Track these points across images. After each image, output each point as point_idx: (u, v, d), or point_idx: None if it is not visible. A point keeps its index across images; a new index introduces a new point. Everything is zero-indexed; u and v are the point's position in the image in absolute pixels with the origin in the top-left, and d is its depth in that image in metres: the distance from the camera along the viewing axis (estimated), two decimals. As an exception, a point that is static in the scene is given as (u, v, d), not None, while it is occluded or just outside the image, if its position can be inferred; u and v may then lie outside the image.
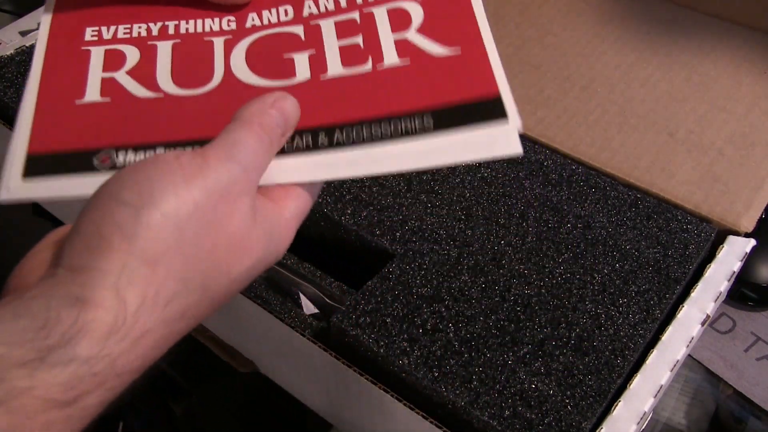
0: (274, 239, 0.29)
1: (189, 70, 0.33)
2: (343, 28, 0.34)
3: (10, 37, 0.63)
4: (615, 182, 0.51)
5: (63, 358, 0.22)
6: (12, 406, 0.21)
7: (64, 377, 0.22)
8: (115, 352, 0.23)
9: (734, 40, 0.64)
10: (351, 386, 0.42)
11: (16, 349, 0.21)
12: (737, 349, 0.54)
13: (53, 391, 0.22)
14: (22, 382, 0.21)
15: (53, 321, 0.22)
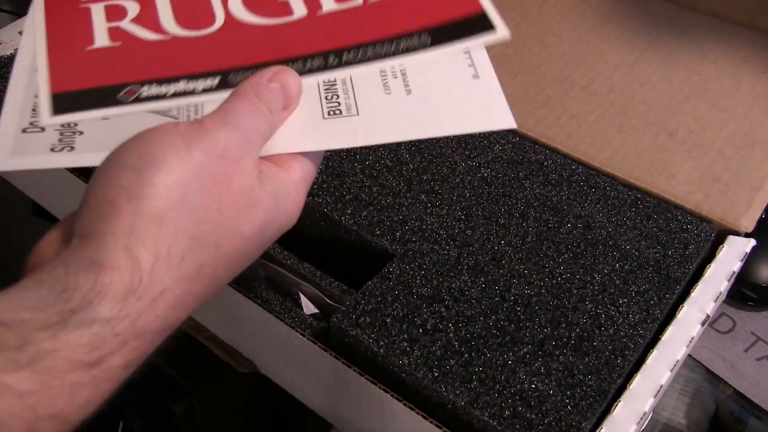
0: (282, 199, 0.29)
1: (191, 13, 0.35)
2: None
3: (10, 37, 0.63)
4: (615, 182, 0.51)
5: (85, 319, 0.23)
6: (39, 367, 0.21)
7: (88, 338, 0.22)
8: (135, 311, 0.24)
9: (734, 40, 0.64)
10: (351, 386, 0.42)
11: (39, 313, 0.22)
12: (737, 349, 0.54)
13: (78, 352, 0.22)
14: (47, 344, 0.22)
15: (72, 285, 0.23)
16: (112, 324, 0.23)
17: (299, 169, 0.31)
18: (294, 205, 0.30)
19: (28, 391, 0.21)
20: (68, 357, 0.22)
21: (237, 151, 0.27)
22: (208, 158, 0.26)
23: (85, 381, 0.22)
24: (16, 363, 0.21)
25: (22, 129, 0.31)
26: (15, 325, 0.22)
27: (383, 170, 0.51)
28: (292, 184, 0.30)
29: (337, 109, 0.32)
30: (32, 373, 0.21)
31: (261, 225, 0.28)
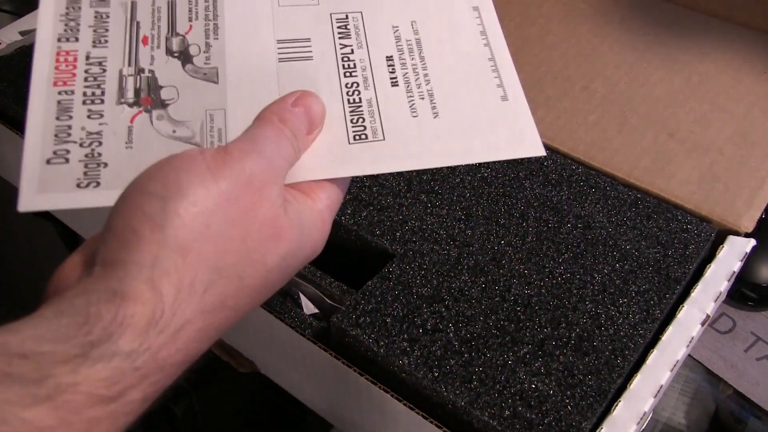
0: (307, 229, 0.29)
1: None
2: None
3: (10, 37, 0.63)
4: (615, 182, 0.51)
5: (106, 353, 0.22)
6: (59, 402, 0.21)
7: (108, 372, 0.22)
8: (155, 344, 0.23)
9: (734, 40, 0.64)
10: (351, 386, 0.42)
11: (60, 345, 0.22)
12: (737, 349, 0.54)
13: (98, 386, 0.22)
14: (68, 378, 0.21)
15: (94, 317, 0.23)
16: (133, 358, 0.23)
17: (325, 197, 0.30)
18: (319, 234, 0.30)
19: (47, 426, 0.21)
20: (88, 392, 0.22)
21: (262, 179, 0.27)
22: (234, 187, 0.26)
23: (104, 416, 0.22)
24: (35, 397, 0.21)
25: (47, 160, 0.31)
26: (35, 358, 0.21)
27: (383, 170, 0.51)
28: (317, 213, 0.30)
29: (363, 133, 0.31)
30: (51, 409, 0.21)
31: (285, 256, 0.27)
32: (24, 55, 0.60)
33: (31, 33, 0.63)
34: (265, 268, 0.27)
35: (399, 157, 0.31)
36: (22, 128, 0.56)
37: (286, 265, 0.28)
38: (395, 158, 0.31)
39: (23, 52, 0.60)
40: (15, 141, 0.56)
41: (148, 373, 0.23)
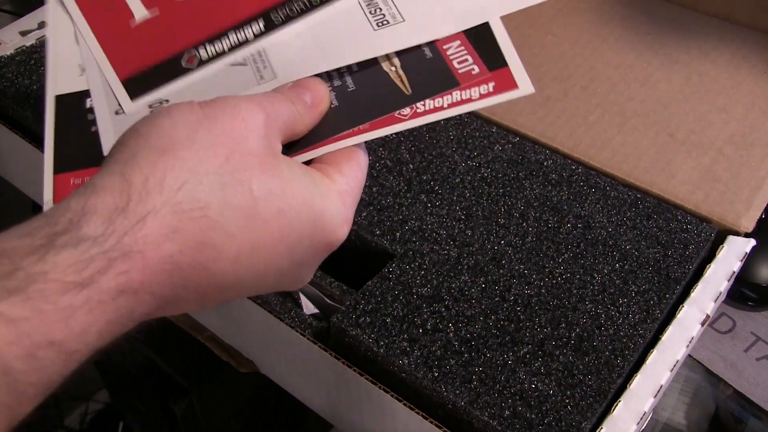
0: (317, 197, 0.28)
1: None
2: None
3: (10, 37, 0.62)
4: (615, 182, 0.51)
5: (71, 240, 0.23)
6: (30, 292, 0.21)
7: (74, 258, 0.22)
8: (121, 229, 0.23)
9: (734, 40, 0.64)
10: (351, 386, 0.42)
11: (27, 239, 0.22)
12: (737, 349, 0.54)
13: (67, 273, 0.22)
14: (35, 267, 0.22)
15: (62, 210, 0.23)
16: (99, 242, 0.23)
17: (344, 182, 0.30)
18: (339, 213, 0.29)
19: (22, 317, 0.21)
20: (58, 279, 0.22)
21: (251, 115, 0.27)
22: (220, 115, 0.27)
23: (78, 303, 0.22)
24: (6, 289, 0.21)
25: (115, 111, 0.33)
26: (4, 253, 0.22)
27: (383, 170, 0.51)
28: (334, 190, 0.29)
29: (383, 20, 0.33)
30: (24, 299, 0.21)
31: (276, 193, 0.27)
32: (24, 55, 0.60)
33: (31, 33, 0.63)
34: (251, 192, 0.26)
35: (423, 30, 0.33)
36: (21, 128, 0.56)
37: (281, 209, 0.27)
38: (420, 31, 0.33)
39: (23, 52, 0.60)
40: (15, 141, 0.56)
41: (115, 257, 0.23)
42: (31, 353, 0.21)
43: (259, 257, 0.26)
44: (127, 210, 0.24)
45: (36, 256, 0.22)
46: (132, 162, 0.25)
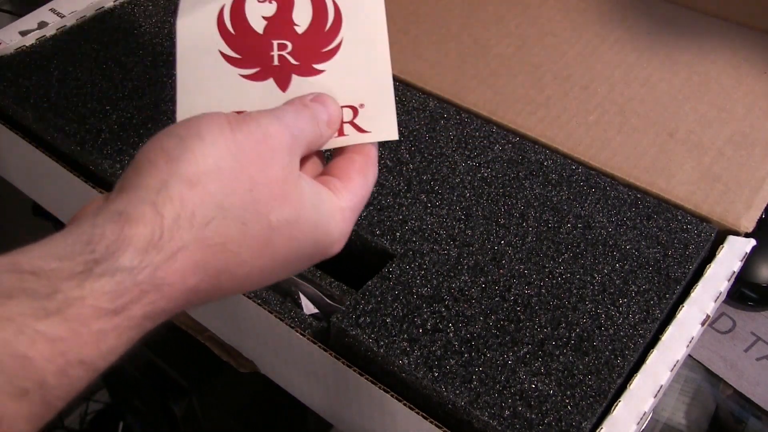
0: (324, 217, 0.30)
1: None
2: None
3: (10, 37, 0.63)
4: (615, 182, 0.51)
5: (109, 269, 0.24)
6: (68, 314, 0.23)
7: (111, 286, 0.24)
8: (154, 263, 0.25)
9: (734, 40, 0.64)
10: (351, 386, 0.42)
11: (66, 262, 0.24)
12: (737, 349, 0.54)
13: (102, 300, 0.23)
14: (74, 292, 0.23)
15: (98, 236, 0.24)
16: (134, 273, 0.24)
17: (348, 198, 0.31)
18: (339, 231, 0.31)
19: (59, 337, 0.22)
20: (94, 305, 0.23)
21: (277, 141, 0.29)
22: (248, 140, 0.28)
23: (110, 328, 0.24)
24: (46, 310, 0.22)
25: None
26: (44, 274, 0.23)
27: (383, 170, 0.51)
28: (338, 207, 0.31)
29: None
30: (62, 320, 0.23)
31: (291, 221, 0.28)
32: (24, 55, 0.60)
33: (31, 33, 0.63)
34: (269, 224, 0.28)
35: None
36: (21, 128, 0.56)
37: (291, 235, 0.29)
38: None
39: (23, 52, 0.60)
40: (15, 141, 0.56)
41: (147, 289, 0.25)
42: (64, 370, 0.23)
43: (264, 275, 0.29)
44: (159, 244, 0.25)
45: (75, 282, 0.23)
46: (164, 193, 0.26)
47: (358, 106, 0.35)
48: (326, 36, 0.36)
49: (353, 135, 0.34)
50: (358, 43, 0.36)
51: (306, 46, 0.36)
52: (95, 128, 0.54)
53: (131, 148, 0.52)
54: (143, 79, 0.58)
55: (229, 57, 0.36)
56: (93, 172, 0.52)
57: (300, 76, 0.35)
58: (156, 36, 0.63)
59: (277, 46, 0.36)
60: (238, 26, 0.36)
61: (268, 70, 0.36)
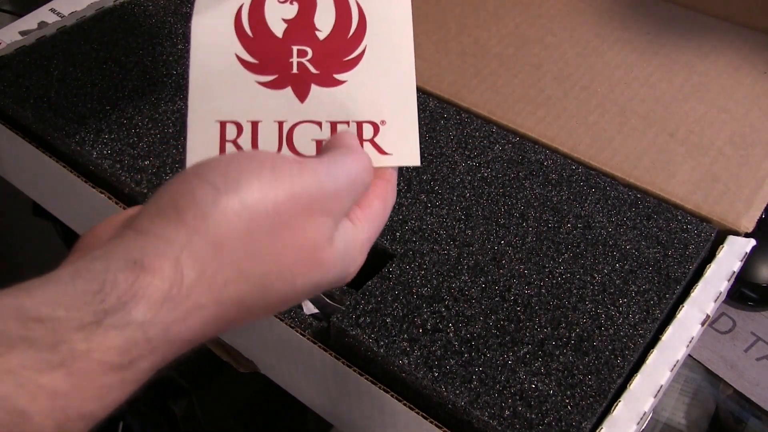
0: (347, 260, 0.29)
1: None
2: None
3: (10, 37, 0.63)
4: (615, 182, 0.51)
5: (119, 322, 0.22)
6: (73, 368, 0.21)
7: (120, 341, 0.22)
8: (168, 319, 0.23)
9: (734, 40, 0.64)
10: (351, 386, 0.42)
11: (74, 312, 0.22)
12: (737, 349, 0.54)
13: (110, 354, 0.22)
14: (81, 345, 0.22)
15: (110, 284, 0.23)
16: (145, 328, 0.23)
17: (368, 228, 0.30)
18: (355, 264, 0.29)
19: (61, 392, 0.21)
20: (101, 359, 0.22)
21: (322, 208, 0.27)
22: (288, 205, 0.26)
23: (115, 383, 0.22)
24: (50, 363, 0.21)
25: None
26: (50, 323, 0.22)
27: (383, 170, 0.51)
28: (359, 243, 0.29)
29: None
30: (66, 374, 0.21)
31: (316, 283, 0.27)
32: (24, 55, 0.60)
33: (31, 33, 0.63)
34: (293, 288, 0.27)
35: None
36: (21, 128, 0.56)
37: (314, 291, 0.28)
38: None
39: (23, 52, 0.60)
40: (15, 141, 0.56)
41: (158, 345, 0.23)
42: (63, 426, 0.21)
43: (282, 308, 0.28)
44: (176, 301, 0.24)
45: (82, 334, 0.22)
46: (187, 251, 0.24)
47: (379, 122, 0.33)
48: (349, 43, 0.34)
49: (373, 156, 0.32)
50: (382, 52, 0.34)
51: (327, 53, 0.34)
52: (95, 128, 0.54)
53: (131, 148, 0.52)
54: (143, 79, 0.58)
55: (246, 62, 0.33)
56: (93, 172, 0.52)
57: (320, 86, 0.33)
58: (156, 36, 0.62)
59: (296, 53, 0.34)
60: (257, 29, 0.34)
61: (286, 78, 0.33)
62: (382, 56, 0.34)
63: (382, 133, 0.33)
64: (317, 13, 0.34)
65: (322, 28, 0.34)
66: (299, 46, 0.34)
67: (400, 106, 0.33)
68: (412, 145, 0.33)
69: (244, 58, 0.33)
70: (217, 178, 0.25)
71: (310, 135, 0.33)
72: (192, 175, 0.26)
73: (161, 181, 0.50)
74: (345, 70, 0.33)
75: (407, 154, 0.33)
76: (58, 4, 0.66)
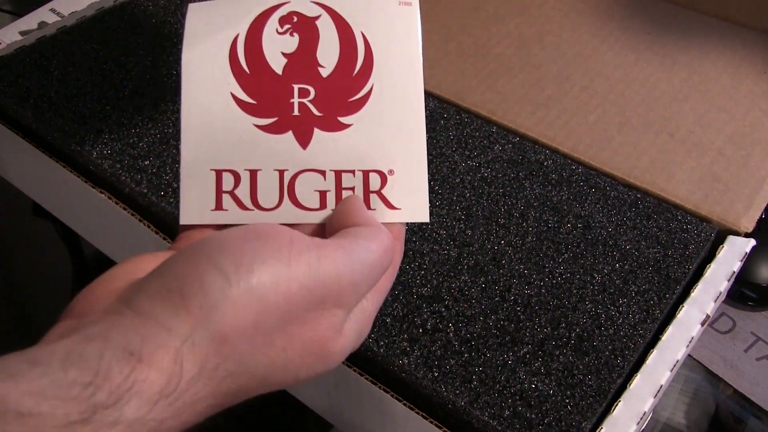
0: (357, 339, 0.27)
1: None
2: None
3: (10, 37, 0.63)
4: (615, 182, 0.51)
5: (108, 419, 0.20)
6: None
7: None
8: (162, 416, 0.22)
9: (734, 40, 0.64)
10: (351, 386, 0.42)
11: (61, 407, 0.20)
12: (737, 349, 0.54)
13: None
14: None
15: (103, 375, 0.21)
16: (135, 427, 0.21)
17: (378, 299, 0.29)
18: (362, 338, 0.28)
19: None
20: None
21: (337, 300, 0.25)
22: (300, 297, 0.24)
23: None
24: None
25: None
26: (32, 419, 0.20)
27: (383, 170, 0.51)
28: (368, 317, 0.28)
29: None
30: None
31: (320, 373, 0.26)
32: (24, 55, 0.60)
33: (31, 33, 0.63)
34: (295, 378, 0.25)
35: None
36: (21, 128, 0.56)
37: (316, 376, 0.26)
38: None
39: (23, 52, 0.60)
40: (15, 141, 0.56)
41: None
42: None
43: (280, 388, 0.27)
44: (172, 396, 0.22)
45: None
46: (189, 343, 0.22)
47: (387, 172, 0.30)
48: (355, 81, 0.31)
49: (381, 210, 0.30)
50: (390, 91, 0.31)
51: (331, 93, 0.31)
52: (95, 128, 0.54)
53: (131, 148, 0.52)
54: (143, 79, 0.58)
55: (243, 102, 0.31)
56: (93, 172, 0.52)
57: (323, 130, 0.31)
58: (156, 36, 0.62)
59: (298, 92, 0.31)
60: (254, 63, 0.31)
61: (287, 121, 0.31)
62: (390, 97, 0.31)
63: (390, 185, 0.30)
64: (320, 45, 0.31)
65: (325, 64, 0.31)
66: (301, 85, 0.31)
67: (410, 154, 0.31)
68: (421, 200, 0.30)
69: (241, 98, 0.31)
70: (229, 266, 0.23)
71: (313, 185, 0.30)
72: (202, 256, 0.24)
73: (161, 181, 0.50)
74: (350, 113, 0.31)
75: (416, 209, 0.30)
76: (58, 4, 0.66)
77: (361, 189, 0.31)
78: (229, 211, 0.30)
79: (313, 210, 0.30)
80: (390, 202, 0.30)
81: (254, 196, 0.30)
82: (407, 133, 0.31)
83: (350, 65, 0.31)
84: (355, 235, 0.27)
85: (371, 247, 0.27)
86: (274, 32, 0.31)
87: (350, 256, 0.26)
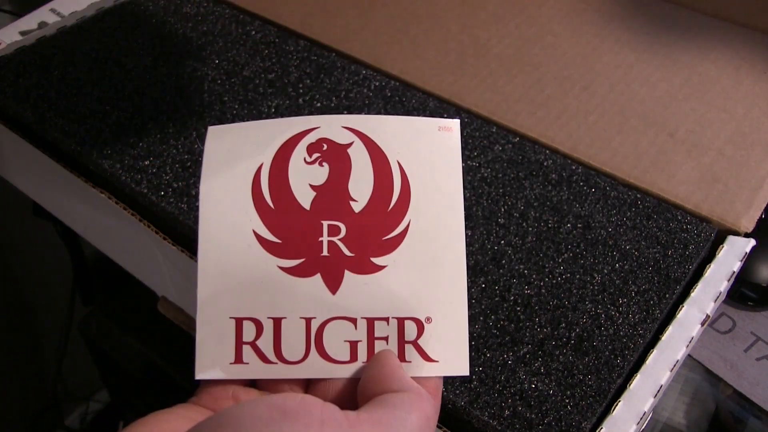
0: None
1: None
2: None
3: (10, 37, 0.63)
4: (615, 182, 0.51)
5: None
6: None
7: None
8: None
9: (734, 40, 0.64)
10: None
11: None
12: (737, 349, 0.54)
13: None
14: None
15: None
16: None
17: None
18: None
19: None
20: None
21: None
22: None
23: None
24: None
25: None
26: None
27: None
28: None
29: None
30: None
31: None
32: (24, 55, 0.60)
33: (31, 33, 0.63)
34: None
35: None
36: (21, 128, 0.56)
37: None
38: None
39: (23, 52, 0.60)
40: (15, 141, 0.56)
41: None
42: None
43: None
44: None
45: None
46: None
47: (424, 320, 0.28)
48: (390, 217, 0.28)
49: (417, 363, 0.27)
50: (428, 229, 0.28)
51: (364, 230, 0.28)
52: (95, 128, 0.54)
53: (131, 148, 0.52)
54: (143, 79, 0.58)
55: (267, 241, 0.28)
56: (93, 172, 0.52)
57: (354, 273, 0.28)
58: (156, 36, 0.63)
59: (327, 229, 0.28)
60: (279, 198, 0.28)
61: (315, 263, 0.28)
62: (427, 235, 0.28)
63: (427, 334, 0.28)
64: (352, 176, 0.28)
65: (357, 198, 0.28)
66: (330, 221, 0.28)
67: (449, 299, 0.28)
68: (461, 351, 0.28)
69: (265, 237, 0.28)
70: None
71: (343, 335, 0.28)
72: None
73: (161, 181, 0.50)
74: (384, 253, 0.28)
75: (456, 362, 0.28)
76: (58, 4, 0.66)
77: (396, 339, 0.28)
78: (249, 364, 0.28)
79: (342, 363, 0.28)
80: (427, 353, 0.28)
81: (278, 347, 0.28)
82: (446, 276, 0.28)
83: (385, 199, 0.28)
84: (392, 405, 0.24)
85: (411, 419, 0.24)
86: (302, 162, 0.29)
87: (386, 419, 0.23)
